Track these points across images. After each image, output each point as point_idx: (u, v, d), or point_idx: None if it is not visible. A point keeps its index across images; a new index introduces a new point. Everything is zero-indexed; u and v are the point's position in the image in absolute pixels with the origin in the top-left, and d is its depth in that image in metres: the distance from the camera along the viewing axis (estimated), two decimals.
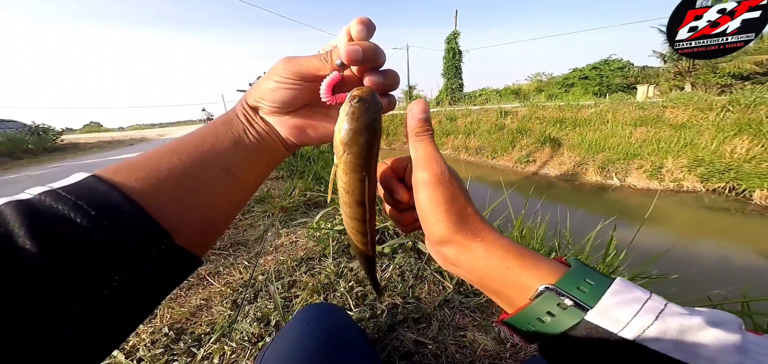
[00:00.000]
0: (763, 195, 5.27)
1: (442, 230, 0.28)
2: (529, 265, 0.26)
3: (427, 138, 0.30)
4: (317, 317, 0.53)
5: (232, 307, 1.01)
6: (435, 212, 0.28)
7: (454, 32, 21.33)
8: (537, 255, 0.27)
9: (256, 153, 0.34)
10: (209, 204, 0.30)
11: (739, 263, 3.86)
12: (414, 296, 1.02)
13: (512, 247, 0.27)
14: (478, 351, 0.80)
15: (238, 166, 0.32)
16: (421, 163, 0.29)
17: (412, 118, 0.31)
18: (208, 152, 0.30)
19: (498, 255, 0.27)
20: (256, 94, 0.33)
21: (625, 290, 0.23)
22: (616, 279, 0.24)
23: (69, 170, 3.31)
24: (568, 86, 20.01)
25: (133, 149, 8.59)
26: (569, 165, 7.84)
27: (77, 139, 13.79)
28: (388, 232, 1.42)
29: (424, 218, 0.29)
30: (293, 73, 0.31)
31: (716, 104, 6.68)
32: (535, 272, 0.26)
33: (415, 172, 0.29)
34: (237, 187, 0.33)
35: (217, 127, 0.33)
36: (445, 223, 0.28)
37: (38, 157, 8.27)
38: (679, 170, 6.29)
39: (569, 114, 8.95)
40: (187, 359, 0.80)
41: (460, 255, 0.28)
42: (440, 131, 12.04)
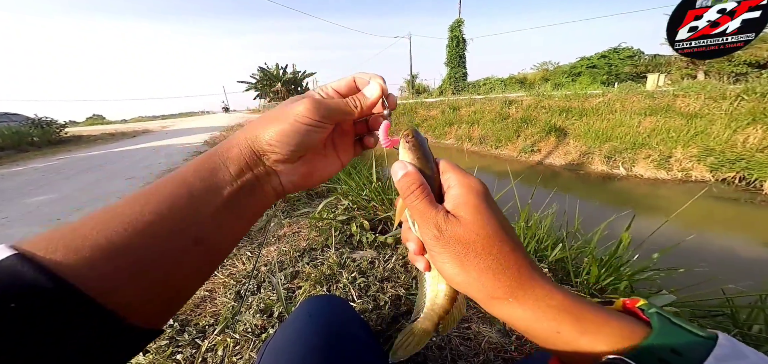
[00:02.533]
0: None
1: (474, 295, 0.26)
2: (590, 327, 0.21)
3: (420, 201, 0.28)
4: (320, 310, 0.52)
5: (236, 298, 1.01)
6: (458, 284, 0.27)
7: (457, 20, 20.87)
8: (599, 311, 0.22)
9: (244, 208, 0.29)
10: (172, 281, 0.25)
11: (749, 256, 3.80)
12: (417, 287, 1.01)
13: (567, 302, 0.23)
14: (483, 343, 0.79)
15: (217, 231, 0.27)
16: (429, 240, 0.27)
17: (397, 184, 0.30)
18: (177, 221, 0.24)
19: (548, 316, 0.23)
20: (266, 138, 0.29)
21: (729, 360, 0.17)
22: (719, 340, 0.18)
23: (74, 162, 3.34)
24: (575, 75, 19.55)
25: (136, 141, 8.63)
26: (575, 155, 7.74)
27: (81, 132, 13.90)
28: (391, 222, 1.40)
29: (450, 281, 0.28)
30: (324, 116, 0.29)
31: (730, 93, 6.48)
32: (599, 337, 0.21)
33: (430, 247, 0.27)
34: (210, 256, 0.28)
35: (191, 184, 0.26)
36: (475, 292, 0.26)
37: (43, 149, 8.37)
38: (688, 160, 6.17)
39: (576, 103, 8.78)
40: (192, 351, 0.80)
41: (501, 310, 0.25)
42: (443, 121, 11.92)
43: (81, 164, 4.88)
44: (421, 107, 13.96)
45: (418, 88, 27.21)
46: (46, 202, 2.77)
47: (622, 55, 18.99)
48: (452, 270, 0.26)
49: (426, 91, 26.81)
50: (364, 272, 1.08)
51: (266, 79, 28.00)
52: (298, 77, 30.26)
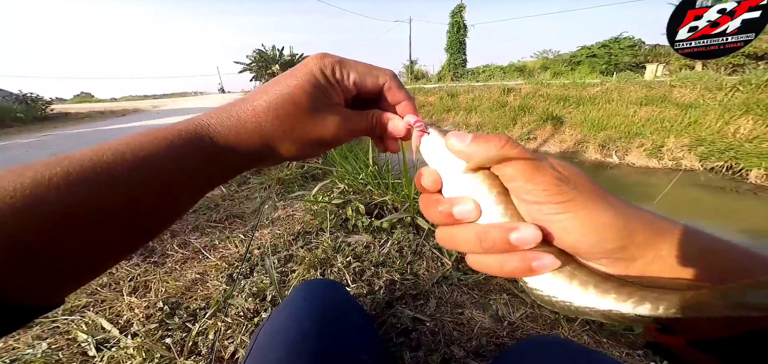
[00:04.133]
0: (760, 174, 5.29)
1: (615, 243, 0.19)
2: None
3: (522, 151, 0.21)
4: (315, 294, 0.51)
5: (228, 281, 0.99)
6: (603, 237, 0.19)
7: (459, 5, 20.33)
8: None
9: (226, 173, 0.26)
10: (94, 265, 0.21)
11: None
12: (412, 272, 1.01)
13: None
14: (476, 329, 0.80)
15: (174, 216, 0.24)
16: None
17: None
18: (133, 216, 0.21)
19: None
20: (283, 150, 0.27)
21: None
22: None
23: (60, 139, 3.23)
24: (575, 64, 19.34)
25: (125, 120, 8.37)
26: (570, 143, 7.79)
27: (68, 109, 13.43)
28: (387, 207, 1.39)
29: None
30: (349, 132, 0.29)
31: (726, 84, 6.51)
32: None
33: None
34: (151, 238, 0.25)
35: (167, 172, 0.22)
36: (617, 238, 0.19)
37: (28, 125, 8.09)
38: (679, 149, 6.27)
39: (574, 92, 8.75)
40: (182, 335, 0.79)
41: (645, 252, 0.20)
42: (441, 108, 11.81)
43: (68, 141, 4.73)
44: (419, 93, 13.74)
45: (417, 74, 26.73)
46: None
47: (623, 45, 18.79)
48: (596, 218, 0.19)
49: (425, 77, 26.36)
50: (359, 257, 1.07)
51: (263, 60, 27.24)
52: (295, 60, 29.39)
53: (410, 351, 0.73)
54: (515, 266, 0.20)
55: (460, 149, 0.22)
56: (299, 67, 0.27)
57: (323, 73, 0.26)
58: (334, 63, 0.27)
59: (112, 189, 0.19)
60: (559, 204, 0.19)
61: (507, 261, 0.21)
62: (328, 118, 0.27)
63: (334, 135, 0.28)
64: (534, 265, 0.20)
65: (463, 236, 0.23)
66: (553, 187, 0.19)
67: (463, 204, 0.22)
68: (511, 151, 0.20)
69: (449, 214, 0.23)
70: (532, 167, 0.20)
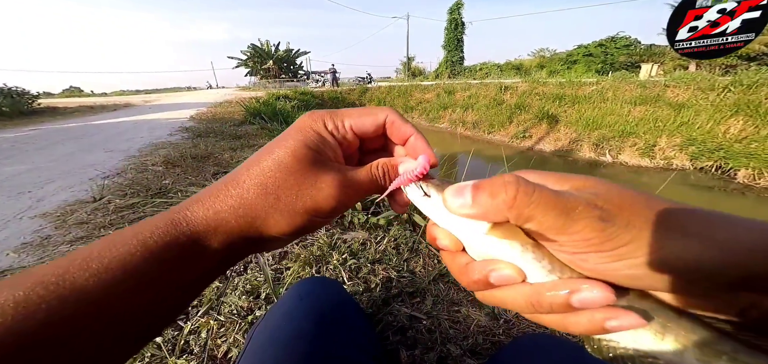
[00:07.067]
0: (747, 174, 5.40)
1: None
2: None
3: (543, 193, 0.16)
4: (311, 293, 0.50)
5: (221, 279, 0.97)
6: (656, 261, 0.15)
7: (457, 2, 20.28)
8: None
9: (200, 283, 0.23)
10: None
11: None
12: (409, 269, 1.00)
13: None
14: (472, 327, 0.79)
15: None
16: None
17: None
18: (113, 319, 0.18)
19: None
20: (269, 231, 0.22)
21: None
22: None
23: (48, 133, 3.13)
24: (572, 63, 19.49)
25: (116, 114, 8.19)
26: (564, 141, 7.86)
27: (56, 103, 13.08)
28: (384, 204, 1.38)
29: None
30: (350, 192, 0.24)
31: (718, 85, 6.61)
32: None
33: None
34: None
35: (149, 278, 0.18)
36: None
37: (14, 119, 7.85)
38: (671, 149, 6.37)
39: (569, 91, 8.81)
40: (174, 333, 0.77)
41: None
42: (438, 105, 11.81)
43: (56, 135, 4.60)
44: (416, 90, 13.71)
45: (414, 70, 26.65)
46: (15, 173, 2.61)
47: (619, 44, 18.98)
48: (668, 255, 0.14)
49: (422, 74, 26.30)
50: (355, 254, 1.06)
51: (257, 56, 26.79)
52: (291, 55, 28.97)
53: (407, 349, 0.72)
54: (585, 328, 0.17)
55: (466, 213, 0.18)
56: (289, 129, 0.24)
57: (313, 129, 0.24)
58: (325, 116, 0.25)
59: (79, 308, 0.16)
60: (608, 253, 0.15)
61: (572, 323, 0.17)
62: (321, 179, 0.23)
63: (330, 198, 0.23)
64: (608, 325, 0.16)
65: (511, 300, 0.19)
66: (595, 234, 0.15)
67: (499, 270, 0.18)
68: (524, 204, 0.16)
69: (487, 282, 0.19)
70: (559, 217, 0.15)
